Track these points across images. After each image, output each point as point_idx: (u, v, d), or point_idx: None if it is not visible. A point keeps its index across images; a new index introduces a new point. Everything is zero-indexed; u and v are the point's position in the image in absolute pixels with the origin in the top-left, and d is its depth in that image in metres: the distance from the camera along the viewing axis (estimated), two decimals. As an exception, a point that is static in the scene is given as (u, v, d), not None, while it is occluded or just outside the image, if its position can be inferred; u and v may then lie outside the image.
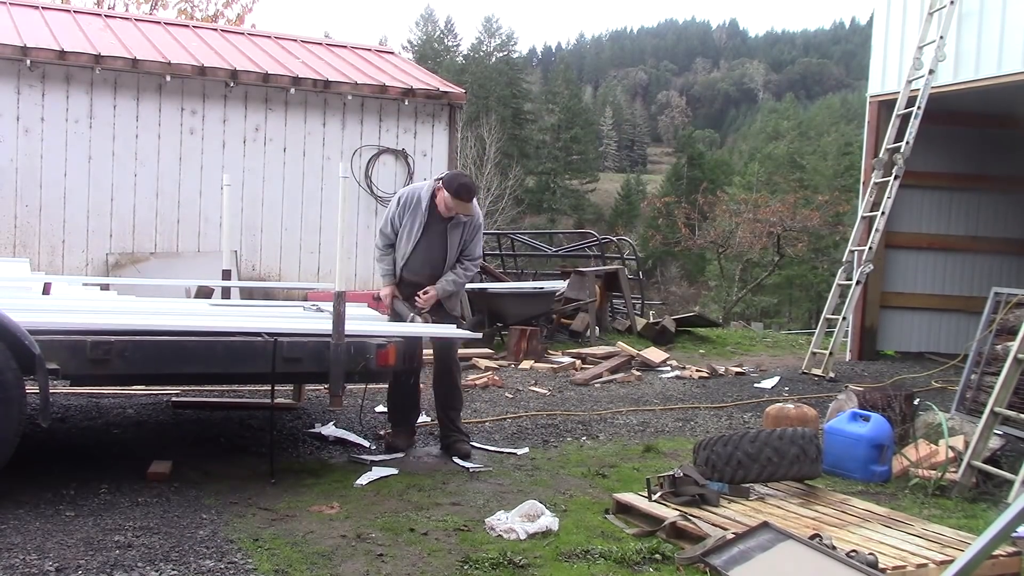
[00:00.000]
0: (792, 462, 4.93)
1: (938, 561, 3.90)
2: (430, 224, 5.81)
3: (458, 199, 5.67)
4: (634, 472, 5.61)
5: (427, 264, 5.86)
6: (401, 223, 5.88)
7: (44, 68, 9.48)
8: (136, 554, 3.87)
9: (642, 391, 8.55)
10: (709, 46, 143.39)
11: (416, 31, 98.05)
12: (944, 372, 9.52)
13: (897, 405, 6.24)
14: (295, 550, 4.02)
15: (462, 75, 65.29)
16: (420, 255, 5.85)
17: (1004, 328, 6.77)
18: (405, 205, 5.87)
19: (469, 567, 3.88)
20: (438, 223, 5.82)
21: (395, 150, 10.94)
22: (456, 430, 5.95)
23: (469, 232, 5.90)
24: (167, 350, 4.79)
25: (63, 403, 6.77)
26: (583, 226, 51.37)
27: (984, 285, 9.22)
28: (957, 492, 5.31)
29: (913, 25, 10.32)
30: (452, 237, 5.84)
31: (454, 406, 5.98)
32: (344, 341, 5.02)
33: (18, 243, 9.43)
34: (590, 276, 11.90)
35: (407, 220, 5.85)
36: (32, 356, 4.29)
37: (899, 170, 9.76)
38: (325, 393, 6.76)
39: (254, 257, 10.38)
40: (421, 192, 5.87)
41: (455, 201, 5.68)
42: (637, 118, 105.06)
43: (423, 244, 5.83)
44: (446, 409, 5.97)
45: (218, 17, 20.18)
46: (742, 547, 3.91)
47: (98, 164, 9.73)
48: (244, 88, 10.26)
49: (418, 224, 5.81)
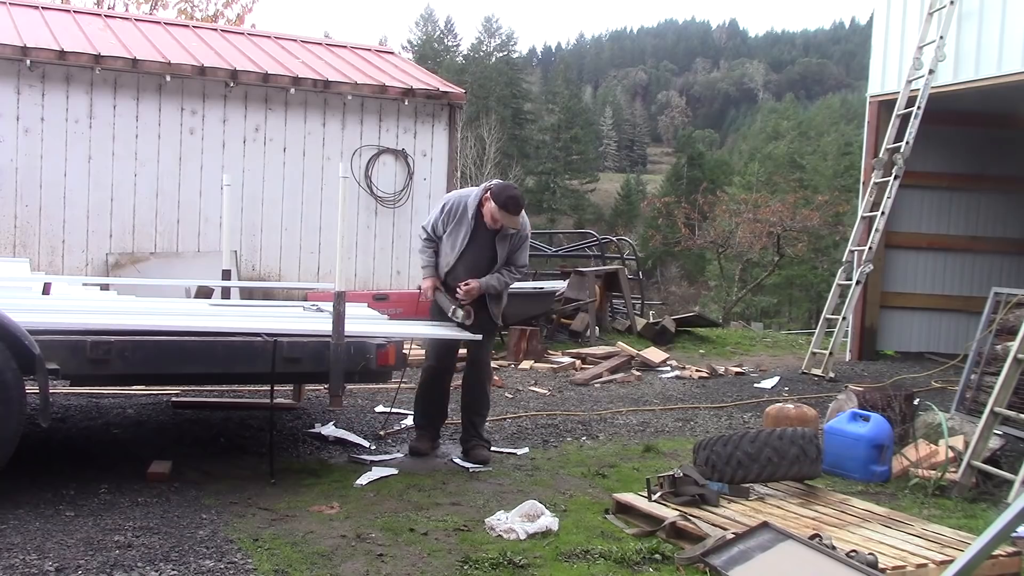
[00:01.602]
0: (792, 462, 4.93)
1: (938, 561, 3.90)
2: (476, 234, 5.67)
3: (506, 212, 5.50)
4: (634, 472, 5.61)
5: (473, 272, 5.70)
6: (445, 230, 5.74)
7: (44, 68, 9.48)
8: (136, 554, 3.87)
9: (642, 391, 8.55)
10: (709, 46, 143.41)
11: (416, 31, 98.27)
12: (944, 372, 9.52)
13: (897, 405, 6.23)
14: (295, 550, 4.02)
15: (462, 75, 65.32)
16: (465, 264, 5.70)
17: (1004, 328, 6.77)
18: (450, 213, 5.72)
19: (469, 567, 3.88)
20: (484, 233, 5.67)
21: (395, 150, 10.94)
22: (477, 435, 5.85)
23: (516, 242, 5.78)
24: (167, 350, 4.78)
25: (63, 403, 6.77)
26: (583, 226, 51.40)
27: (984, 285, 9.22)
28: (957, 492, 5.31)
29: (913, 25, 10.33)
30: (500, 248, 5.70)
31: (480, 412, 5.89)
32: (344, 341, 5.02)
33: (18, 243, 9.43)
34: (590, 276, 11.90)
35: (452, 228, 5.71)
36: (32, 356, 4.29)
37: (899, 170, 9.76)
38: (325, 393, 6.75)
39: (254, 257, 10.38)
40: (468, 200, 5.69)
41: (502, 213, 5.51)
42: (637, 118, 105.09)
43: (468, 254, 5.69)
44: (471, 414, 5.88)
45: (218, 17, 20.18)
46: (742, 547, 3.91)
47: (98, 164, 9.73)
48: (244, 88, 10.26)
49: (464, 234, 5.67)
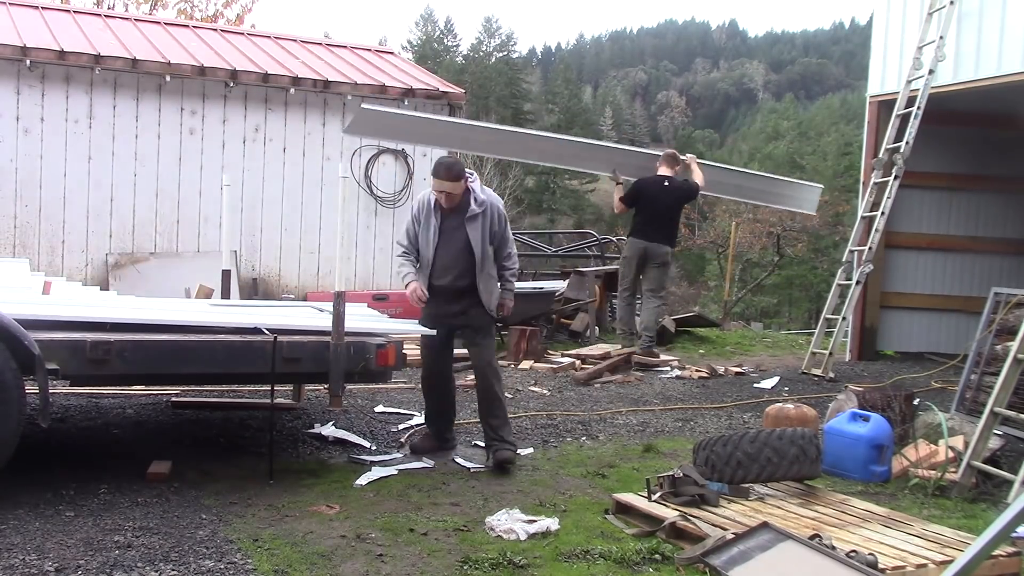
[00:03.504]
0: (792, 462, 4.93)
1: (938, 561, 3.90)
2: (444, 225, 5.62)
3: (437, 178, 5.47)
4: (634, 472, 5.61)
5: (453, 266, 5.62)
6: (418, 231, 5.70)
7: (44, 68, 9.49)
8: (136, 554, 3.87)
9: (642, 391, 8.55)
10: (709, 46, 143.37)
11: (416, 31, 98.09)
12: (944, 372, 9.52)
13: (897, 405, 6.23)
14: (295, 550, 4.02)
15: (462, 75, 65.28)
16: (442, 259, 5.63)
17: (1004, 328, 6.77)
18: (419, 212, 5.70)
19: (469, 567, 3.88)
20: (451, 220, 5.60)
21: (395, 150, 10.95)
22: (498, 438, 5.73)
23: (493, 222, 5.65)
24: (167, 350, 4.78)
25: (63, 403, 6.77)
26: (583, 226, 51.34)
27: (984, 285, 9.20)
28: (957, 492, 5.31)
29: (913, 25, 10.32)
30: (472, 231, 5.57)
31: (495, 415, 5.77)
32: (344, 341, 5.02)
33: (18, 243, 9.43)
34: (590, 276, 11.90)
35: (423, 227, 5.67)
36: (32, 356, 4.29)
37: (899, 170, 9.76)
38: (325, 393, 6.76)
39: (254, 257, 10.39)
40: (428, 195, 5.70)
41: (437, 182, 5.48)
42: (637, 118, 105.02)
43: (442, 248, 5.62)
44: (487, 418, 5.79)
45: (218, 17, 20.21)
46: (742, 547, 3.91)
47: (98, 164, 9.74)
48: (244, 88, 10.26)
49: (433, 228, 5.62)
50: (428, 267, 5.68)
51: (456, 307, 5.72)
